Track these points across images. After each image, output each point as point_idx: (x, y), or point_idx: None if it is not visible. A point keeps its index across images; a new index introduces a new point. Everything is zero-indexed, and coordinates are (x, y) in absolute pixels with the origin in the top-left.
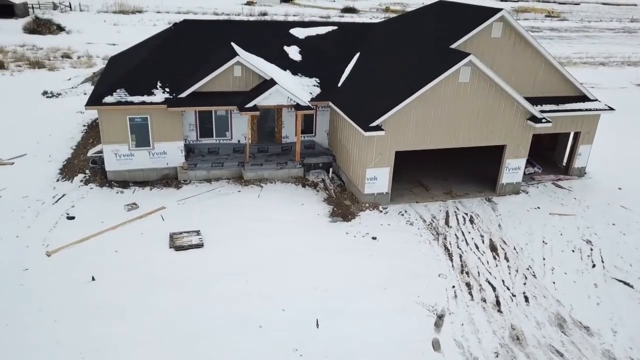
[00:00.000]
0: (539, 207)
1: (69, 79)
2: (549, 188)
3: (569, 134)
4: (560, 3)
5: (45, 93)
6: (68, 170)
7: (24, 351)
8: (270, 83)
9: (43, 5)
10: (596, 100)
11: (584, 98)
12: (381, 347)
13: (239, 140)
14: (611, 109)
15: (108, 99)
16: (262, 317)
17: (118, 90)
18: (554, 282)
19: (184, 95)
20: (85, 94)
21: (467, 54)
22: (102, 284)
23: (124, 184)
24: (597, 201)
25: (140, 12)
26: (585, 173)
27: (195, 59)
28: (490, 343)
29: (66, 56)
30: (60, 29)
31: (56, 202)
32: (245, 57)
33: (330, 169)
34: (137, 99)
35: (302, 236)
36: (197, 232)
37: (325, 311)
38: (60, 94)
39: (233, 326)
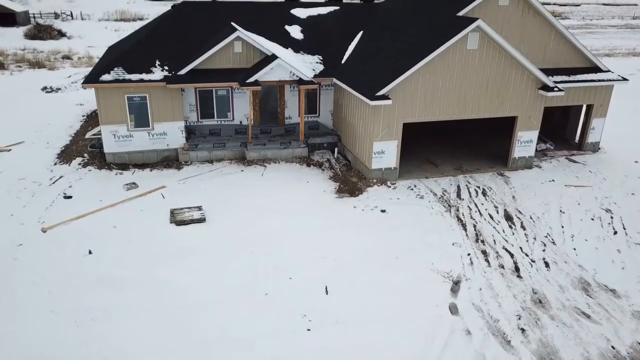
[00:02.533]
0: (553, 180)
1: (69, 76)
2: (562, 163)
3: (580, 109)
4: (560, 5)
5: (44, 88)
6: (66, 155)
7: (17, 320)
8: (272, 58)
9: (45, 14)
10: (609, 71)
11: (596, 69)
12: (395, 312)
13: (240, 122)
14: (624, 79)
15: (105, 77)
16: (267, 285)
17: (116, 69)
18: (574, 249)
19: (183, 72)
20: (85, 89)
21: (475, 19)
22: (99, 257)
23: (123, 166)
24: (613, 173)
25: (141, 19)
26: (599, 148)
27: (194, 38)
28: (511, 306)
29: (66, 57)
30: (61, 34)
31: (53, 183)
32: (246, 34)
33: (336, 149)
34: (135, 76)
35: (308, 210)
36: (199, 208)
37: (335, 279)
38: (59, 89)
39: (237, 295)
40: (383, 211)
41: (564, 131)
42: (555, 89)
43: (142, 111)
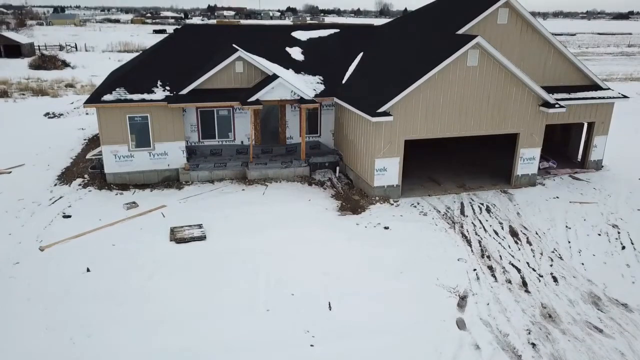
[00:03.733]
0: (557, 197)
1: (72, 103)
2: (566, 180)
3: (581, 127)
4: (556, 34)
5: (47, 114)
6: (66, 176)
7: (12, 337)
8: (273, 77)
9: (50, 46)
10: (609, 89)
11: (596, 87)
12: (400, 327)
13: (242, 142)
14: (625, 96)
15: (107, 97)
16: (269, 301)
17: (117, 89)
18: (582, 264)
19: (184, 92)
20: (87, 114)
21: (474, 36)
22: (97, 274)
23: (123, 186)
24: (618, 190)
25: (144, 50)
26: (603, 166)
27: (196, 60)
28: (520, 321)
29: (70, 86)
30: (65, 64)
31: (52, 203)
32: (247, 54)
33: (337, 168)
34: (137, 96)
35: (310, 227)
36: (199, 226)
37: (338, 294)
38: (62, 114)
39: (239, 310)
40: (386, 228)
41: (565, 149)
42: (557, 105)
43: (143, 131)
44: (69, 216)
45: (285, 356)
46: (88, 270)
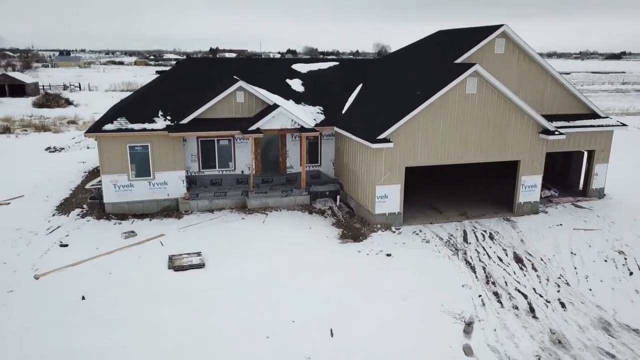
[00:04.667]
0: (561, 224)
1: (73, 138)
2: (568, 208)
3: (582, 156)
4: None
5: (48, 148)
6: (65, 207)
7: None
8: (274, 107)
9: (54, 86)
10: (607, 117)
11: (594, 115)
12: (405, 354)
13: (242, 171)
14: (623, 124)
15: (108, 127)
16: (270, 328)
17: (119, 119)
18: (590, 289)
19: (185, 121)
20: (88, 147)
21: (473, 64)
22: (92, 302)
23: (122, 216)
24: (621, 217)
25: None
26: (605, 194)
27: (197, 91)
28: (529, 347)
29: (72, 122)
30: (68, 102)
31: (50, 233)
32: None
33: (338, 197)
34: (137, 126)
35: (311, 254)
36: (198, 254)
37: (340, 321)
38: (63, 148)
39: (238, 336)
40: (389, 255)
41: (566, 179)
42: (556, 132)
43: (144, 160)
44: (66, 245)
45: None
46: (83, 298)
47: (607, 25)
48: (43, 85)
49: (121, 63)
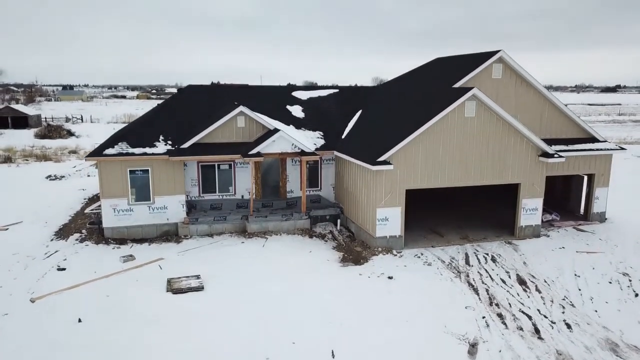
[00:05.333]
0: (563, 247)
1: (74, 167)
2: (570, 232)
3: (582, 180)
4: None
5: (49, 177)
6: (64, 232)
7: None
8: (274, 131)
9: (56, 118)
10: (605, 141)
11: (593, 139)
12: None
13: (242, 196)
14: (622, 148)
15: (109, 151)
16: (269, 349)
17: (120, 144)
18: (596, 311)
19: (186, 145)
20: (89, 175)
21: (471, 88)
22: (89, 325)
23: (121, 241)
24: (624, 241)
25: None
26: (606, 218)
27: (198, 117)
28: None
29: (73, 152)
30: (70, 133)
31: (47, 257)
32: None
33: (338, 221)
34: (138, 150)
35: (311, 277)
36: (197, 277)
37: (341, 343)
38: (63, 176)
39: (238, 359)
40: (390, 278)
41: (567, 203)
42: (556, 155)
43: (144, 184)
44: (64, 269)
45: None
46: (80, 321)
47: (601, 59)
48: (45, 118)
49: (123, 97)
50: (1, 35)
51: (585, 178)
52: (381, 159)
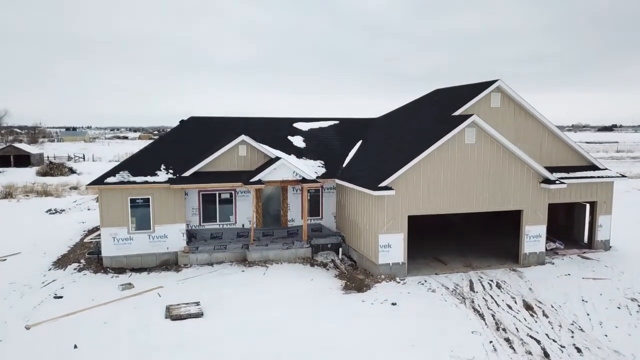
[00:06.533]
0: (569, 274)
1: (75, 201)
2: (575, 260)
3: (584, 210)
4: None
5: (49, 210)
6: (62, 262)
7: None
8: (276, 159)
9: (58, 157)
10: (606, 169)
11: (593, 167)
12: None
13: (243, 225)
14: (623, 176)
15: (110, 180)
16: None
17: (121, 172)
18: (606, 335)
19: (187, 174)
20: (89, 209)
21: (470, 115)
22: (85, 351)
23: (120, 270)
24: (630, 268)
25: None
26: (611, 247)
27: (200, 147)
28: None
29: (74, 188)
30: (71, 171)
31: (44, 286)
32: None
33: (340, 249)
34: (140, 179)
35: (313, 304)
36: (197, 303)
37: None
38: (63, 210)
39: None
40: (394, 304)
41: (570, 233)
42: (557, 181)
43: (144, 213)
44: (60, 297)
45: None
46: (75, 347)
47: (594, 100)
48: (48, 156)
49: (125, 137)
50: (5, 78)
51: (588, 207)
52: (383, 184)
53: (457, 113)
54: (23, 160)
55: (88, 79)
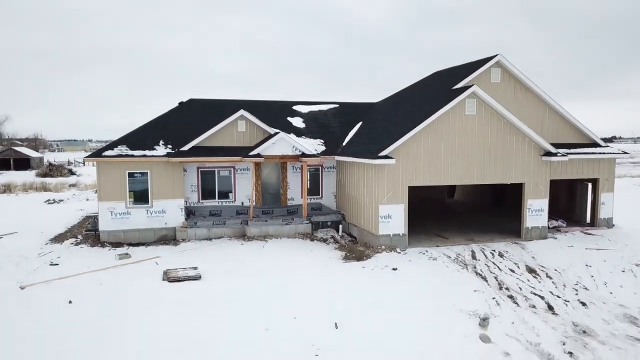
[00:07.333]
0: (572, 246)
1: (74, 194)
2: (578, 235)
3: (586, 189)
4: None
5: (47, 200)
6: (59, 238)
7: None
8: (275, 134)
9: (58, 161)
10: (608, 146)
11: (595, 144)
12: (419, 340)
13: (242, 203)
14: (625, 152)
15: (108, 153)
16: (269, 323)
17: (120, 147)
18: (611, 293)
19: (186, 148)
20: (88, 199)
21: (471, 86)
22: (80, 306)
23: (117, 244)
24: (634, 241)
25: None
26: (614, 225)
27: (199, 125)
28: (552, 336)
29: (73, 185)
30: (71, 172)
31: (40, 256)
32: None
33: (340, 227)
34: (138, 152)
35: (313, 270)
36: (195, 268)
37: (346, 318)
38: (62, 200)
39: (235, 333)
40: (395, 269)
41: (572, 214)
42: (559, 154)
43: (143, 188)
44: (56, 264)
45: None
46: (70, 302)
47: (598, 111)
48: (48, 160)
49: None
50: (6, 90)
51: (590, 186)
52: (383, 153)
53: (457, 87)
54: (23, 163)
55: (89, 93)
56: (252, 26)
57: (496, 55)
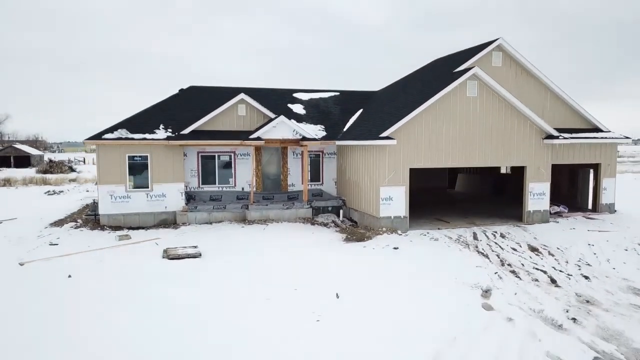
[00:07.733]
0: (574, 228)
1: (74, 187)
2: (580, 219)
3: (587, 176)
4: None
5: (47, 192)
6: (58, 223)
7: None
8: (275, 117)
9: (59, 160)
10: (610, 131)
11: (597, 130)
12: (419, 312)
13: (242, 188)
14: (627, 137)
15: (108, 136)
16: (269, 293)
17: (120, 130)
18: (614, 268)
19: (186, 131)
20: (87, 191)
21: (472, 67)
22: (80, 280)
23: (117, 228)
24: (637, 224)
25: None
26: (616, 210)
27: (199, 110)
28: (555, 305)
29: (73, 180)
30: (72, 169)
31: (40, 238)
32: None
33: (341, 212)
34: (138, 136)
35: (314, 250)
36: (195, 246)
37: (347, 289)
38: (62, 191)
39: (236, 303)
40: (396, 248)
41: (574, 201)
42: (560, 137)
43: (142, 171)
44: (56, 244)
45: (290, 334)
46: (69, 276)
47: (598, 112)
48: (49, 157)
49: None
50: (6, 90)
51: (592, 172)
52: (384, 134)
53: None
54: (23, 161)
55: (90, 96)
56: (255, 30)
57: (497, 38)
